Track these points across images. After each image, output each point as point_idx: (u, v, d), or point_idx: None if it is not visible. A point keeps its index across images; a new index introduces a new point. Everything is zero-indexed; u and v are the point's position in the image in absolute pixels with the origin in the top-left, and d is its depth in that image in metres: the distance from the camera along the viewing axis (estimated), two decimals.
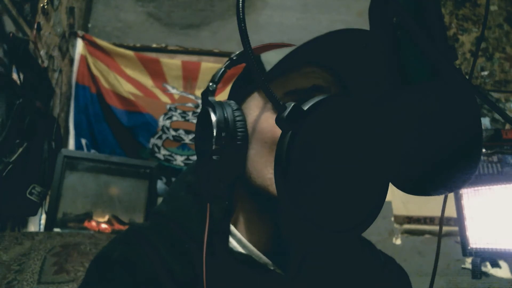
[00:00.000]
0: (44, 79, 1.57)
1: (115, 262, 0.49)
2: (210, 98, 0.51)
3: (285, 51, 0.48)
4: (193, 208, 0.53)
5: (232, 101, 0.52)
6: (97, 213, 1.58)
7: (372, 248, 0.64)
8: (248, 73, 0.56)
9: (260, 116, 0.51)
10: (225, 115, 0.48)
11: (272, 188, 0.47)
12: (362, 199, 0.40)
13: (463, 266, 1.88)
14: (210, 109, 0.48)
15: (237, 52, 0.54)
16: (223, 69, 0.53)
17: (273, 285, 0.50)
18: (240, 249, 0.52)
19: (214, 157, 0.46)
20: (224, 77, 0.55)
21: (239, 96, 0.55)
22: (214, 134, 0.46)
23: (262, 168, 0.49)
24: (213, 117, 0.47)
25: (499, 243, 1.43)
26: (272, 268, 0.51)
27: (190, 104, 2.07)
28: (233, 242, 0.53)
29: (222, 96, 1.90)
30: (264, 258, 0.51)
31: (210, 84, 0.52)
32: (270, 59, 0.50)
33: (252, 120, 0.51)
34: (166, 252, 0.50)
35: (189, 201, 0.55)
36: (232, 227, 0.54)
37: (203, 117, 0.50)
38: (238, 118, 0.49)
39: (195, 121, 2.04)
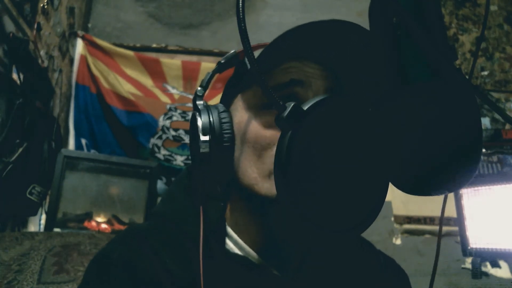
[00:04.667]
0: (44, 79, 1.57)
1: (114, 262, 0.49)
2: (197, 103, 0.52)
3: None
4: (191, 209, 0.54)
5: (220, 104, 0.53)
6: (97, 213, 1.58)
7: (372, 249, 0.64)
8: (236, 76, 0.56)
9: (244, 117, 0.51)
10: (211, 118, 0.49)
11: (257, 187, 0.48)
12: (362, 199, 0.40)
13: (463, 266, 1.88)
14: (196, 113, 0.50)
15: (226, 55, 0.54)
16: (211, 74, 0.54)
17: (270, 286, 0.50)
18: (237, 251, 0.52)
19: (202, 160, 0.47)
20: (223, 77, 0.55)
21: (227, 98, 0.56)
22: (201, 137, 0.47)
23: (247, 168, 0.49)
24: (199, 121, 0.49)
25: (499, 243, 1.43)
26: (269, 269, 0.51)
27: (190, 104, 2.07)
28: (229, 244, 0.53)
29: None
30: (260, 259, 0.51)
31: (199, 89, 0.54)
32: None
33: (237, 121, 0.52)
34: (164, 252, 0.50)
35: (186, 202, 0.55)
36: (228, 228, 0.54)
37: (192, 122, 0.51)
38: (224, 121, 0.50)
39: None
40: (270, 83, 0.50)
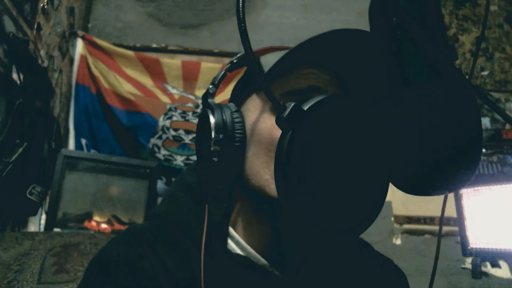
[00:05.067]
0: (44, 79, 1.57)
1: (114, 262, 0.49)
2: (209, 100, 0.52)
3: (282, 53, 0.48)
4: (192, 209, 0.54)
5: (231, 104, 0.53)
6: (97, 213, 1.58)
7: (370, 250, 0.64)
8: (248, 76, 0.56)
9: (258, 117, 0.51)
10: (224, 117, 0.49)
11: (269, 189, 0.48)
12: (362, 199, 0.40)
13: (463, 266, 1.88)
14: (209, 111, 0.49)
15: (238, 55, 0.54)
16: (223, 72, 0.54)
17: (271, 286, 0.50)
18: (239, 251, 0.52)
19: (212, 159, 0.46)
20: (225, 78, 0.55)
21: (239, 98, 0.56)
22: (212, 136, 0.47)
23: (259, 169, 0.49)
24: (212, 119, 0.48)
25: (499, 243, 1.43)
26: (270, 269, 0.51)
27: (190, 104, 2.07)
28: (231, 244, 0.53)
29: (223, 95, 1.90)
30: (262, 260, 0.51)
31: (210, 86, 0.53)
32: (268, 61, 0.50)
33: (251, 121, 0.51)
34: (164, 253, 0.50)
35: (188, 202, 0.55)
36: (230, 229, 0.53)
37: (203, 119, 0.51)
38: (236, 120, 0.49)
39: (195, 121, 2.04)
40: (287, 88, 0.51)
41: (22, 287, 0.87)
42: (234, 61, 0.54)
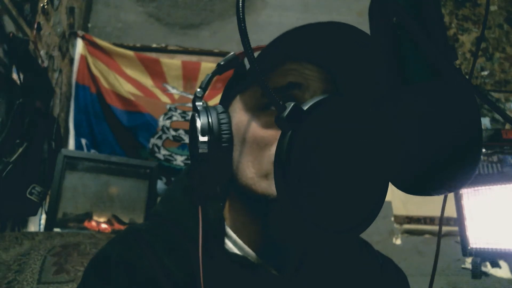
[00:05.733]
0: (44, 79, 1.57)
1: (113, 262, 0.49)
2: (197, 104, 0.53)
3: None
4: (190, 209, 0.54)
5: (219, 105, 0.53)
6: (97, 213, 1.58)
7: (370, 249, 0.64)
8: (235, 77, 0.57)
9: (242, 118, 0.51)
10: (210, 119, 0.50)
11: (255, 187, 0.48)
12: (362, 199, 0.40)
13: (463, 266, 1.88)
14: (195, 114, 0.50)
15: (225, 57, 0.55)
16: (210, 75, 0.55)
17: (269, 286, 0.50)
18: (236, 251, 0.52)
19: (201, 160, 0.47)
20: (223, 78, 0.55)
21: (226, 100, 0.57)
22: (199, 138, 0.47)
23: (245, 168, 0.49)
24: (198, 122, 0.49)
25: (499, 243, 1.43)
26: (268, 269, 0.51)
27: (190, 104, 2.07)
28: (228, 244, 0.53)
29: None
30: (259, 259, 0.51)
31: (198, 90, 0.54)
32: None
33: (236, 122, 0.52)
34: (163, 252, 0.50)
35: (186, 202, 0.55)
36: (227, 228, 0.54)
37: (191, 123, 0.52)
38: (223, 121, 0.50)
39: None
40: (269, 85, 0.50)
41: (22, 287, 0.87)
42: (221, 63, 0.54)
